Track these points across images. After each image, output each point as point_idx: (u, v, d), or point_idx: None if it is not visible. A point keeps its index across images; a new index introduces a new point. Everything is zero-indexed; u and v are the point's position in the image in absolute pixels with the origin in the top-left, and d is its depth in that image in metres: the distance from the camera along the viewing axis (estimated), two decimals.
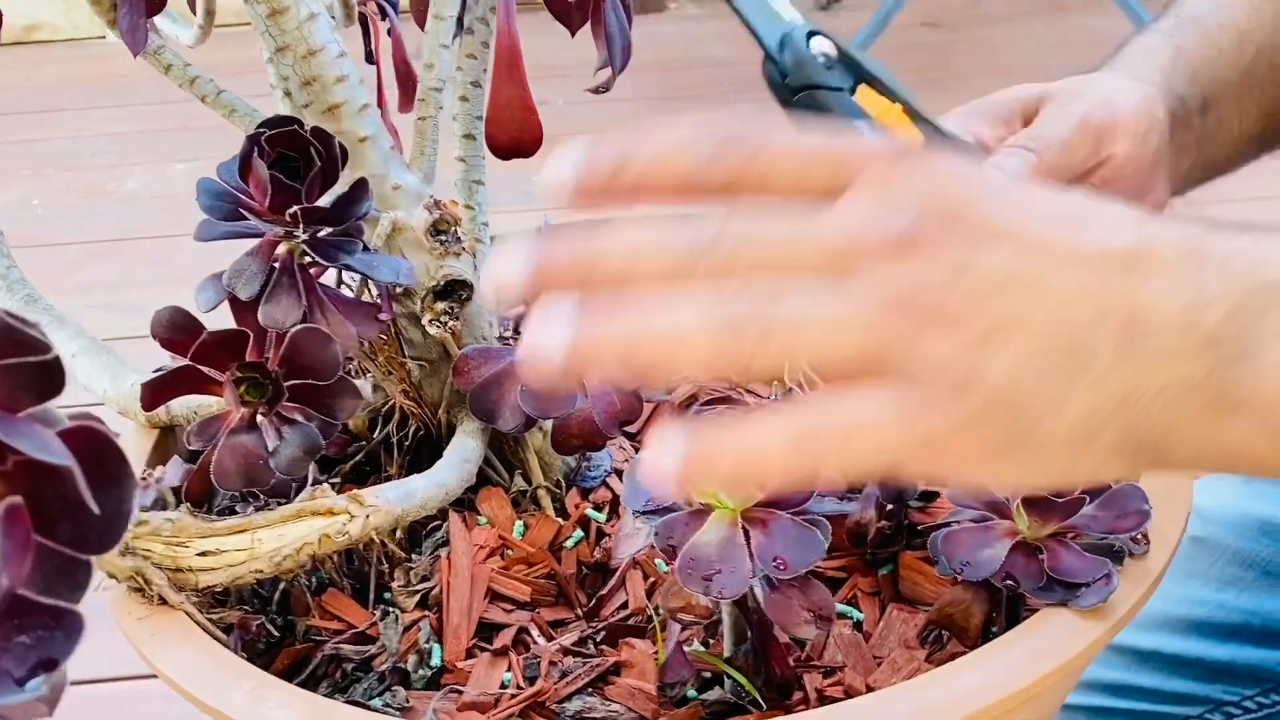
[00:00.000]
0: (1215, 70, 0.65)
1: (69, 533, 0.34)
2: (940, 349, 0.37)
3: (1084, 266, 0.38)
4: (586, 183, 0.40)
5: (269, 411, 0.59)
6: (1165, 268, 0.38)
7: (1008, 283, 0.38)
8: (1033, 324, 0.38)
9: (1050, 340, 0.38)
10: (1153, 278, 0.38)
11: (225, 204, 0.58)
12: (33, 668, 0.32)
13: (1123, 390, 0.38)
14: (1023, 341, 0.38)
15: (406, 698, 0.58)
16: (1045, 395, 0.38)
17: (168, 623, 0.57)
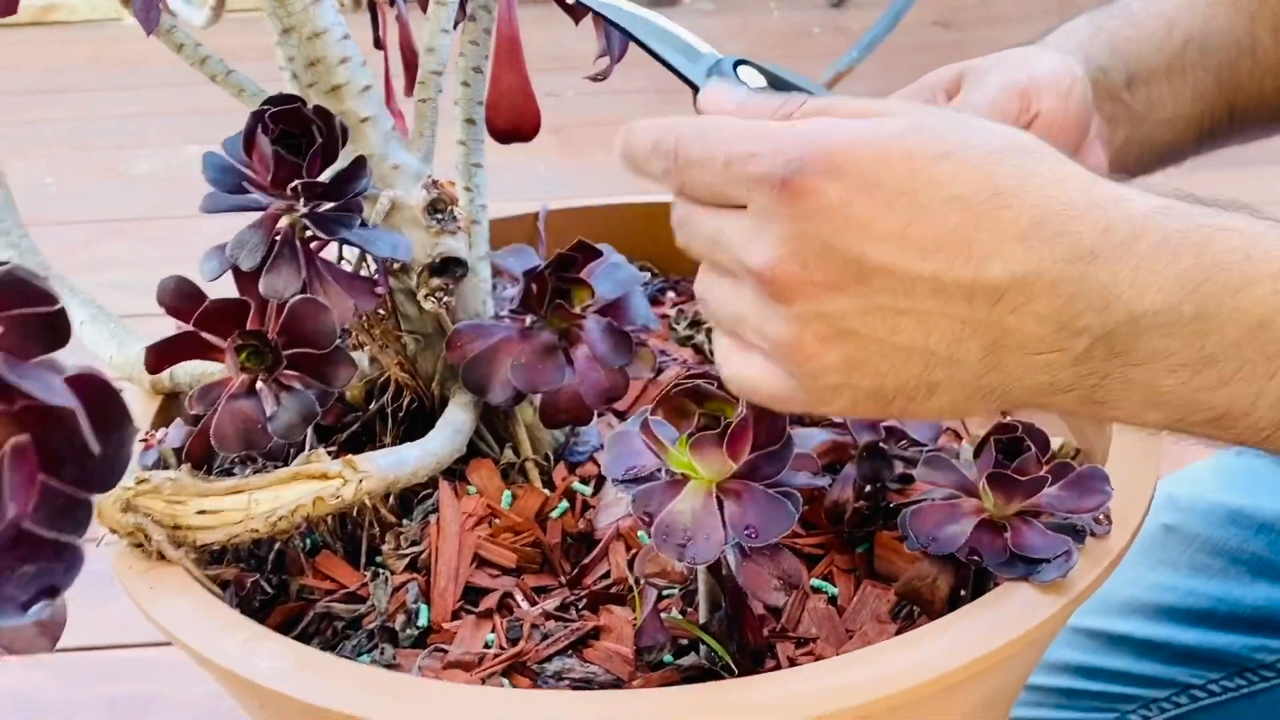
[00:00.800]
0: (1141, 50, 0.68)
1: (72, 473, 0.36)
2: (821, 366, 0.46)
3: (952, 298, 0.44)
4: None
5: (268, 378, 0.62)
6: (1039, 299, 0.43)
7: (870, 317, 0.45)
8: (894, 349, 0.45)
9: (908, 359, 0.45)
10: (1023, 308, 0.44)
11: (230, 178, 0.60)
12: (35, 595, 0.34)
13: (991, 388, 0.46)
14: (882, 362, 0.45)
15: (394, 655, 0.60)
16: (909, 391, 0.46)
17: (166, 577, 0.59)
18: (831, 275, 0.44)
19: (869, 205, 0.44)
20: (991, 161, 0.44)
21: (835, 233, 0.44)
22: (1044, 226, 0.43)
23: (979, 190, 0.44)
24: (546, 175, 2.18)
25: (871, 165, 0.44)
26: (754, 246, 0.46)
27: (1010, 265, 0.43)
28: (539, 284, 0.67)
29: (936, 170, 0.44)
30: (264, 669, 0.54)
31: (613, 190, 1.10)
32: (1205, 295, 0.43)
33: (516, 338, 0.68)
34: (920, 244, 0.44)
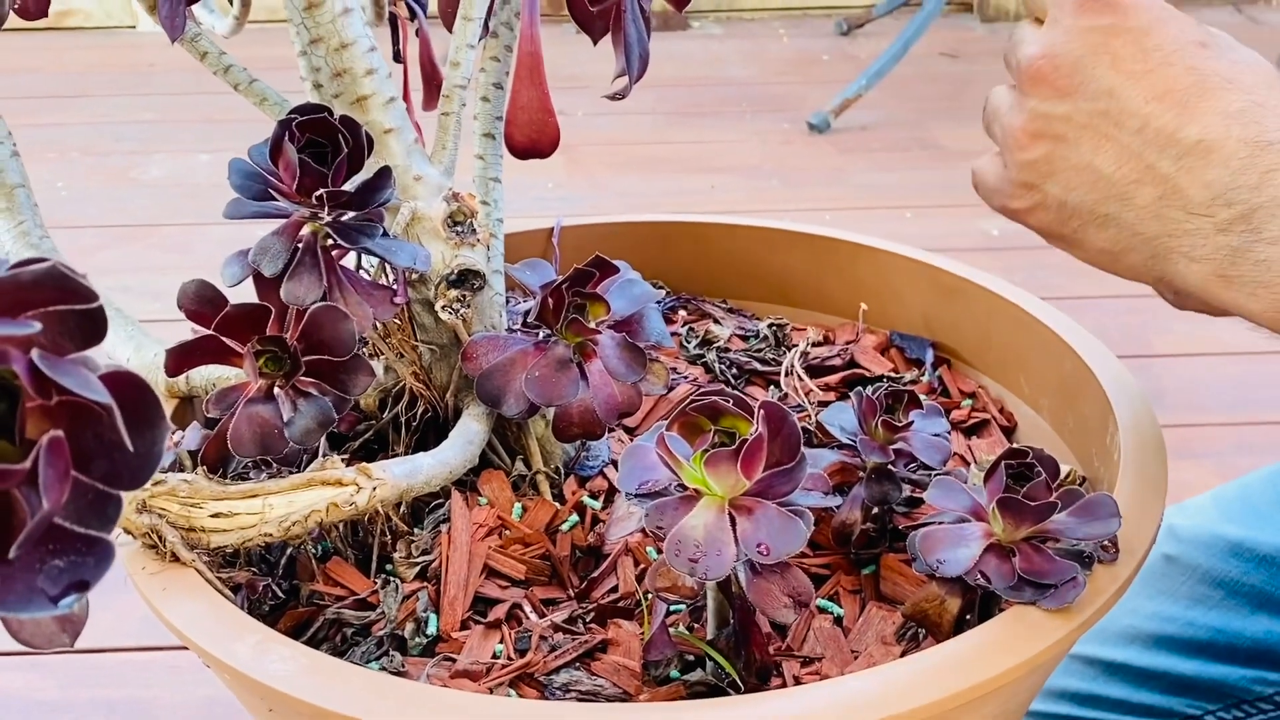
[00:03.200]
0: None
1: (103, 469, 0.37)
2: (1027, 159, 0.57)
3: (1149, 141, 0.53)
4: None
5: (285, 384, 0.62)
6: (1213, 168, 0.52)
7: (1081, 131, 0.55)
8: (1085, 165, 0.55)
9: (1094, 181, 0.55)
10: (1198, 171, 0.52)
11: (255, 184, 0.61)
12: (65, 588, 0.34)
13: (1148, 235, 0.54)
14: (1073, 175, 0.55)
15: (402, 663, 0.61)
16: (1083, 215, 0.56)
17: (179, 578, 0.59)
18: (1072, 84, 0.55)
19: (1129, 43, 0.54)
20: (1239, 66, 0.53)
21: (1092, 52, 0.54)
22: (1248, 115, 0.52)
23: (1215, 74, 0.53)
24: (554, 193, 2.19)
25: (1148, 18, 0.54)
26: (1032, 44, 0.56)
27: (1205, 131, 0.52)
28: (555, 298, 0.68)
29: (1193, 49, 0.53)
30: (274, 671, 0.54)
31: (618, 209, 1.11)
32: None
33: (532, 351, 0.68)
34: (1151, 88, 0.53)
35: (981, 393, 0.83)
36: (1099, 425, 0.71)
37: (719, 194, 2.21)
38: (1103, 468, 0.70)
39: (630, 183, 2.28)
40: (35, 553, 0.34)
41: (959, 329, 0.85)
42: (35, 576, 0.34)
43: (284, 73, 0.76)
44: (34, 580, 0.34)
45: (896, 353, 0.87)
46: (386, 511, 0.65)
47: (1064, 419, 0.77)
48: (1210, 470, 1.48)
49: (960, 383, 0.84)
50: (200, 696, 1.20)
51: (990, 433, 0.80)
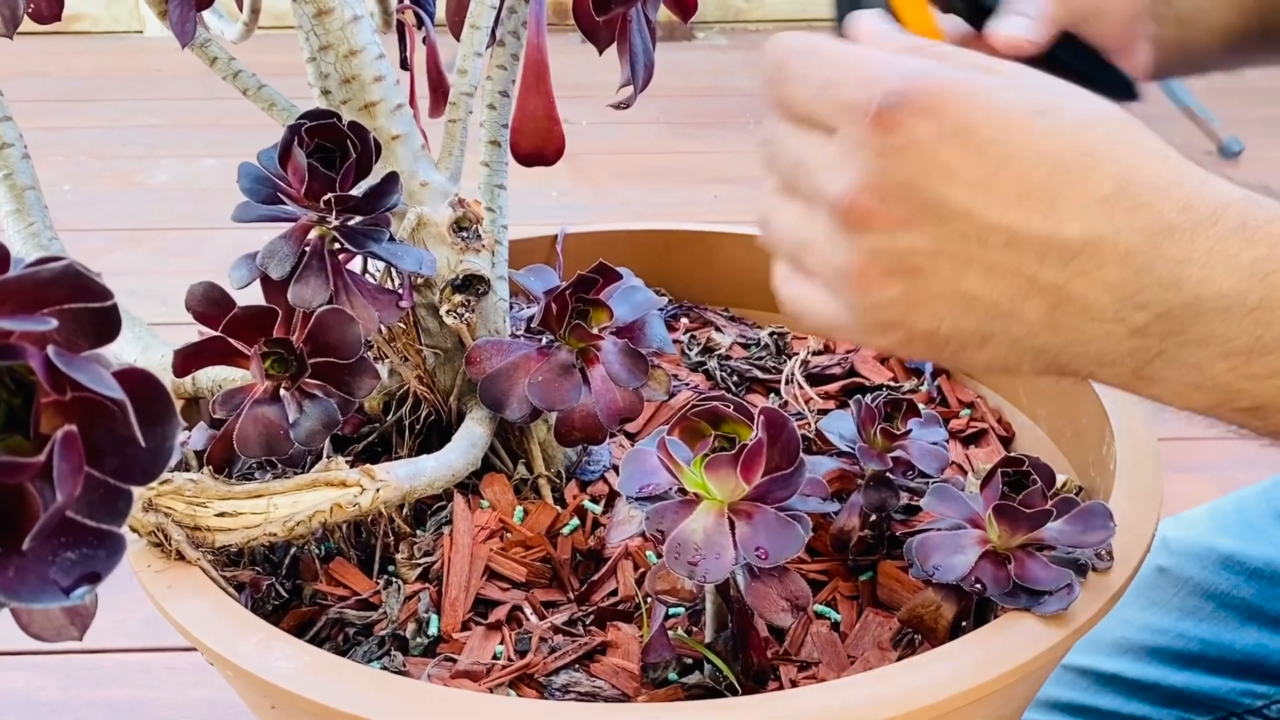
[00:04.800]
0: None
1: (115, 464, 0.37)
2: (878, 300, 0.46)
3: (1024, 252, 0.44)
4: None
5: (291, 386, 0.63)
6: (1109, 267, 0.44)
7: (937, 259, 0.45)
8: (953, 293, 0.45)
9: (968, 307, 0.46)
10: (1092, 274, 0.44)
11: (264, 188, 0.62)
12: (77, 580, 0.35)
13: (1045, 348, 0.46)
14: (940, 305, 0.46)
15: (403, 663, 0.61)
16: (961, 339, 0.47)
17: (184, 577, 0.60)
18: (909, 213, 0.45)
19: (959, 149, 0.44)
20: (1086, 125, 0.44)
21: (920, 172, 0.44)
22: (1127, 194, 0.43)
23: (1069, 149, 0.44)
24: (559, 201, 2.20)
25: (968, 111, 0.44)
26: (836, 174, 0.46)
27: (1088, 227, 0.43)
28: (559, 304, 0.68)
29: (1031, 125, 0.44)
30: (278, 669, 0.55)
31: (622, 218, 1.12)
32: (1273, 285, 0.43)
33: (535, 355, 0.69)
34: (1003, 194, 0.44)
35: (980, 402, 0.84)
36: (1096, 436, 0.72)
37: (722, 204, 2.22)
38: (1099, 477, 0.71)
39: (634, 192, 2.29)
40: (48, 545, 0.35)
41: None
42: (48, 568, 0.35)
43: (291, 79, 0.77)
44: (46, 572, 0.35)
45: (896, 362, 0.87)
46: (389, 513, 0.65)
47: (1061, 429, 0.78)
48: (1209, 484, 1.48)
49: (959, 392, 0.85)
50: (200, 698, 1.20)
51: (988, 442, 0.80)
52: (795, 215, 0.49)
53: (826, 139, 0.47)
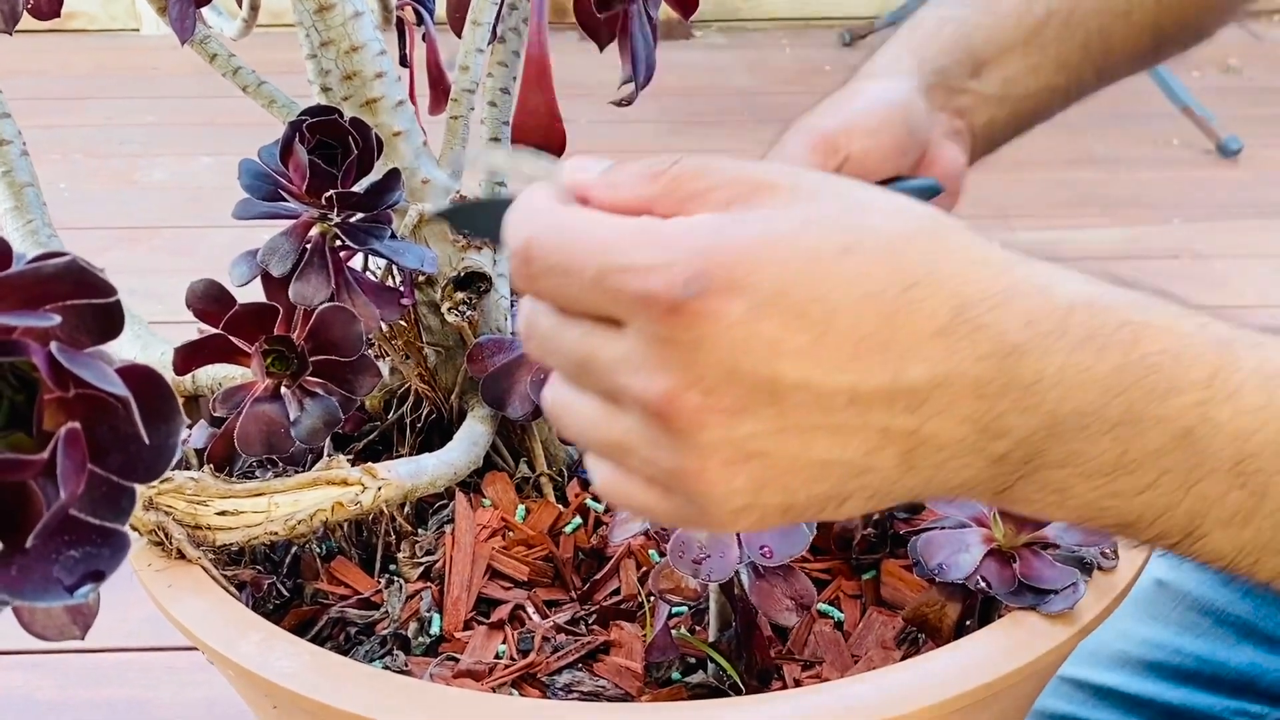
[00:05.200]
0: (993, 33, 0.67)
1: (118, 462, 0.37)
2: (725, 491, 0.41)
3: (871, 406, 0.40)
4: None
5: (292, 383, 0.63)
6: (961, 402, 0.40)
7: (780, 436, 0.40)
8: (803, 464, 0.41)
9: (821, 473, 0.41)
10: (945, 412, 0.40)
11: (265, 184, 0.62)
12: (81, 578, 0.35)
13: (904, 491, 0.42)
14: (791, 479, 0.41)
15: (405, 662, 0.61)
16: (819, 503, 0.42)
17: (184, 575, 0.60)
18: (740, 400, 0.39)
19: (778, 319, 0.39)
20: (899, 249, 0.40)
21: (742, 355, 0.39)
22: (963, 319, 0.39)
23: (891, 283, 0.39)
24: None
25: (776, 273, 0.39)
26: (642, 374, 0.40)
27: (931, 366, 0.39)
28: None
29: (844, 267, 0.39)
30: (279, 668, 0.54)
31: None
32: (1131, 400, 0.40)
33: None
34: (836, 354, 0.39)
35: None
36: None
37: None
38: None
39: None
40: (51, 543, 0.35)
41: None
42: (51, 566, 0.35)
43: (291, 77, 0.76)
44: (50, 570, 0.35)
45: None
46: (391, 512, 0.65)
47: None
48: None
49: None
50: (200, 697, 1.20)
51: None
52: (595, 413, 0.42)
53: (616, 334, 0.40)
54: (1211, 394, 0.40)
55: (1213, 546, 0.42)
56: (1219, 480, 0.41)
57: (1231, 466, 0.41)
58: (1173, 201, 2.17)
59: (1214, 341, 0.41)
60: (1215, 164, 2.33)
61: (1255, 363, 0.41)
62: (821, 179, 0.42)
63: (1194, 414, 0.40)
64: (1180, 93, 2.35)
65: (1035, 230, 2.05)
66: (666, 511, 0.43)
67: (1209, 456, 0.41)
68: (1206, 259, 1.97)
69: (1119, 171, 2.30)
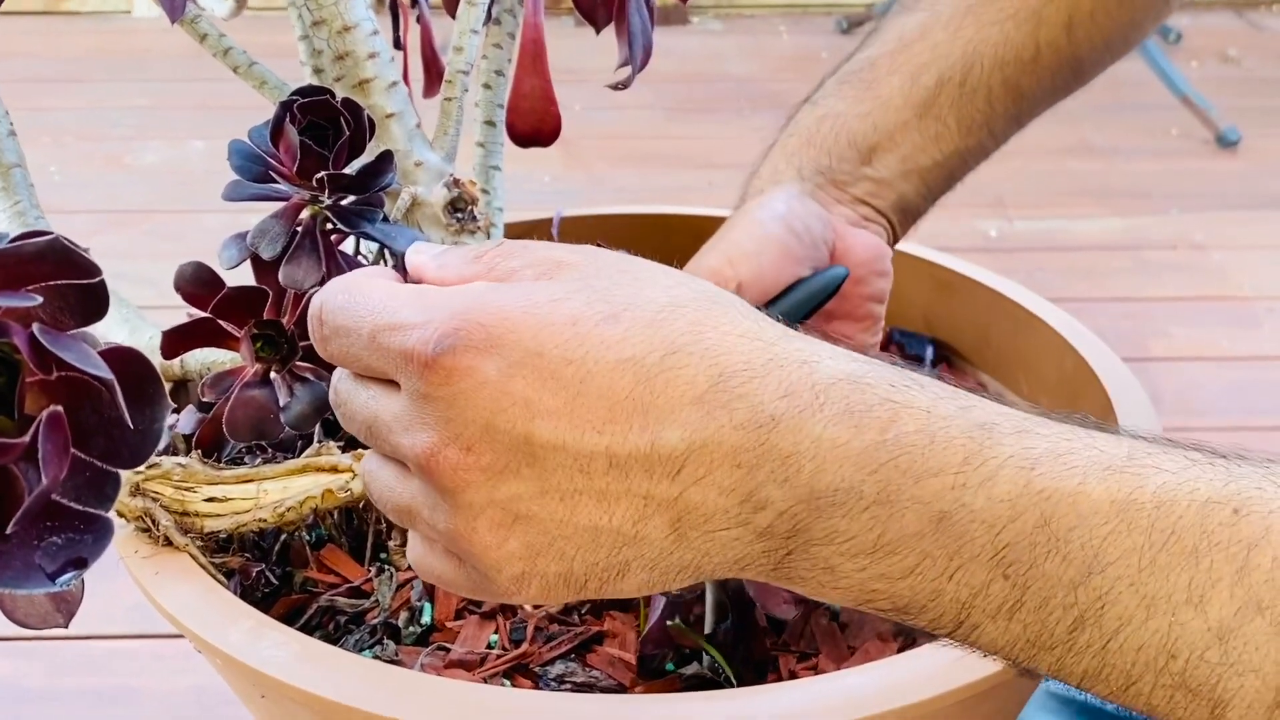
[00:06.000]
0: (880, 117, 0.67)
1: (102, 446, 0.36)
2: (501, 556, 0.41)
3: (631, 471, 0.40)
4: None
5: (282, 369, 0.62)
6: (719, 470, 0.40)
7: (544, 499, 0.41)
8: (573, 529, 0.41)
9: (593, 538, 0.41)
10: (704, 480, 0.40)
11: (255, 166, 0.60)
12: (63, 565, 0.34)
13: (682, 565, 0.42)
14: (565, 544, 0.41)
15: (396, 651, 0.60)
16: (599, 574, 0.42)
17: (172, 563, 0.59)
18: (499, 459, 0.40)
19: (532, 378, 0.40)
20: (665, 318, 0.41)
21: (497, 412, 0.40)
22: (722, 388, 0.40)
23: (651, 350, 0.40)
24: (551, 186, 2.19)
25: (533, 333, 0.40)
26: (410, 432, 0.41)
27: (688, 432, 0.40)
28: None
29: (605, 332, 0.40)
30: (268, 658, 0.54)
31: (616, 203, 1.11)
32: (886, 479, 0.40)
33: None
34: (590, 416, 0.40)
35: (981, 391, 0.82)
36: None
37: (718, 190, 2.20)
38: None
39: (628, 178, 2.27)
40: (33, 529, 0.34)
41: (958, 326, 0.85)
42: (33, 553, 0.34)
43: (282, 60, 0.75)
44: (31, 557, 0.34)
45: (897, 349, 0.86)
46: None
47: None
48: None
49: (960, 380, 0.83)
50: (188, 685, 1.19)
51: None
52: (389, 477, 0.44)
53: (394, 393, 0.42)
54: (964, 479, 0.39)
55: (988, 638, 0.41)
56: (980, 569, 0.40)
57: (991, 556, 0.40)
58: (1171, 192, 2.17)
59: (972, 425, 0.40)
60: (1214, 154, 2.33)
61: (1014, 450, 0.40)
62: (618, 258, 0.43)
63: (949, 498, 0.40)
64: (1179, 83, 2.34)
65: (1032, 220, 2.05)
66: (461, 581, 0.44)
67: (967, 543, 0.40)
68: (1205, 250, 1.96)
69: (1117, 161, 2.29)
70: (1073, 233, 2.04)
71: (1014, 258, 1.94)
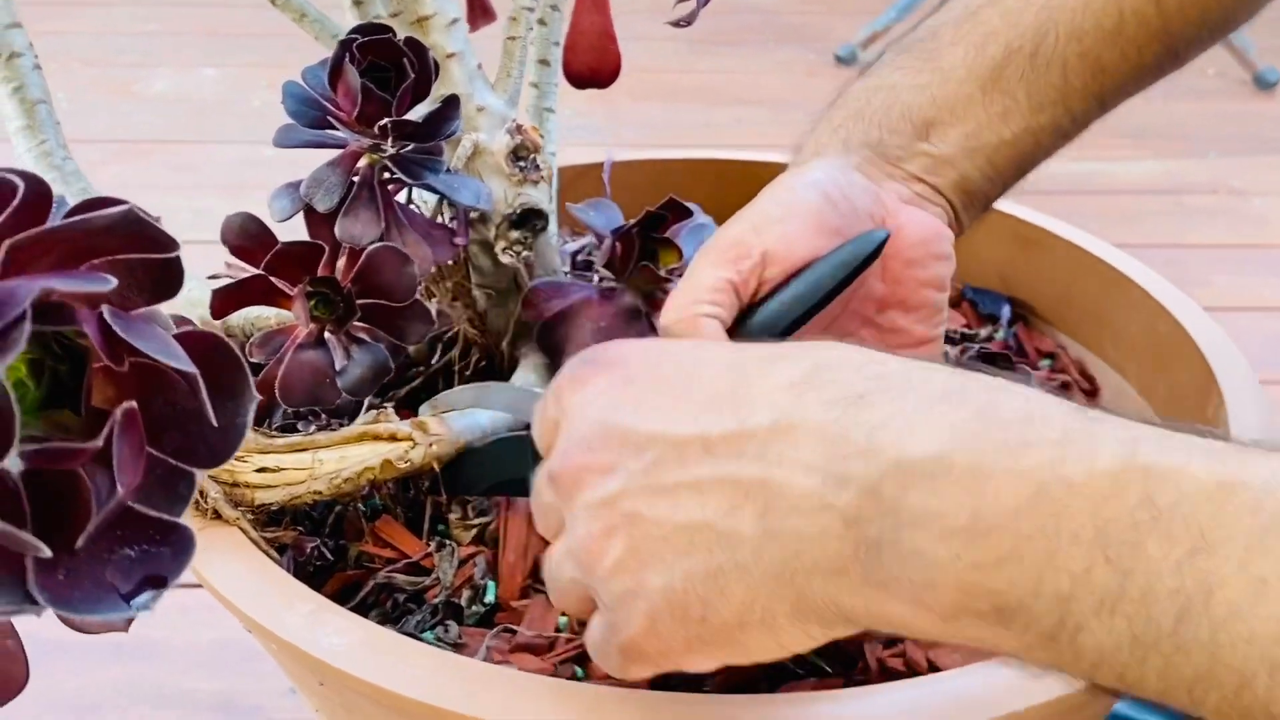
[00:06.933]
0: (941, 91, 0.61)
1: (177, 442, 0.32)
2: (609, 565, 0.43)
3: (721, 456, 0.41)
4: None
5: (338, 329, 0.57)
6: (803, 445, 0.40)
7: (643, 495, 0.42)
8: (671, 527, 0.42)
9: (689, 538, 0.41)
10: (789, 457, 0.40)
11: (312, 110, 0.56)
12: (140, 583, 0.30)
13: (774, 570, 0.40)
14: (663, 546, 0.42)
15: (459, 633, 0.56)
16: (698, 587, 0.41)
17: (221, 538, 0.55)
18: (610, 455, 0.43)
19: (646, 382, 0.44)
20: (784, 347, 0.44)
21: (611, 410, 0.44)
22: (816, 376, 0.41)
23: (757, 357, 0.43)
24: (574, 122, 2.12)
25: (656, 353, 0.45)
26: (551, 453, 0.46)
27: (775, 412, 0.41)
28: (625, 244, 0.63)
29: (720, 351, 0.45)
30: (330, 645, 0.50)
31: (640, 140, 1.05)
32: (979, 450, 0.38)
33: (597, 299, 0.63)
34: (690, 407, 0.42)
35: (1061, 353, 0.78)
36: (1198, 396, 0.66)
37: (744, 127, 2.14)
38: None
39: (652, 112, 2.21)
40: (103, 542, 0.30)
41: (1037, 284, 0.80)
42: (104, 569, 0.30)
43: None
44: (102, 574, 0.29)
45: (969, 307, 0.82)
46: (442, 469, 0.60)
47: (1153, 386, 0.72)
48: None
49: (1038, 341, 0.79)
50: (211, 639, 1.16)
51: (1071, 397, 0.75)
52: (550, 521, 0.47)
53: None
54: (1063, 453, 0.37)
55: (1093, 642, 0.37)
56: (1080, 552, 0.37)
57: (1092, 536, 0.36)
58: (1209, 134, 2.11)
59: (1071, 409, 0.39)
60: (1252, 95, 2.26)
61: (1115, 430, 0.38)
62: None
63: (1046, 470, 0.37)
64: None
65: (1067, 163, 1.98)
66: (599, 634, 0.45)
67: (1066, 521, 0.37)
68: (1244, 195, 1.90)
69: (1154, 101, 2.22)
70: (1110, 175, 1.98)
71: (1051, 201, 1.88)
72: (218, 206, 0.60)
